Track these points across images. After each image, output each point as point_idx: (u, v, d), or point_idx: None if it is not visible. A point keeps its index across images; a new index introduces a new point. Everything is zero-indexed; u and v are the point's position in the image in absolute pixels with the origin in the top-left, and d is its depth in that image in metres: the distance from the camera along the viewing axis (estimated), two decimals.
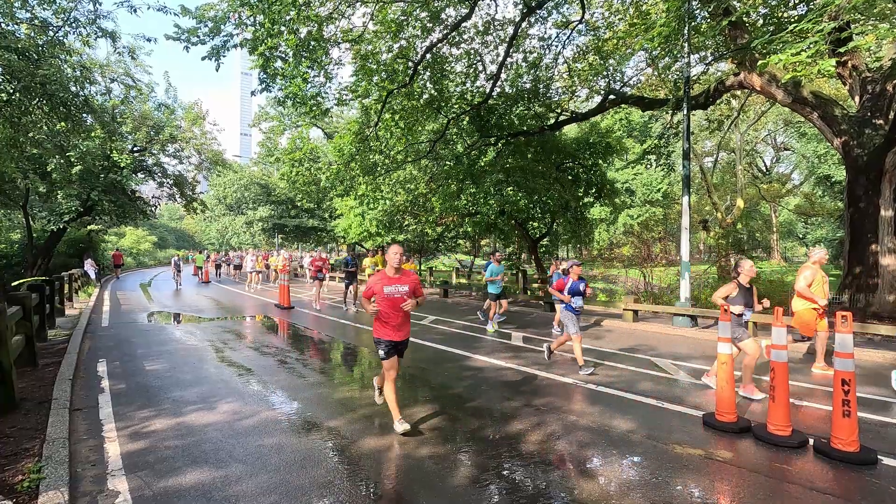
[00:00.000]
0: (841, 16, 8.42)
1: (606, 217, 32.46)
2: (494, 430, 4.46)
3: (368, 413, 4.89)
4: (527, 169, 16.21)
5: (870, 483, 3.46)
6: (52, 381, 5.82)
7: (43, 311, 8.44)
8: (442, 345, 8.51)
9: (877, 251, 9.76)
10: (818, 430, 4.36)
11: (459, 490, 3.33)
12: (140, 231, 49.21)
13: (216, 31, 10.76)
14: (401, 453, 3.92)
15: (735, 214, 28.82)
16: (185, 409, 4.95)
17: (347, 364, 7.46)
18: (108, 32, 11.14)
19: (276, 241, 42.44)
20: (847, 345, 3.87)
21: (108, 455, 3.87)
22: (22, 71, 9.08)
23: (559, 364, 7.09)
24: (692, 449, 4.03)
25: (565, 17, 15.16)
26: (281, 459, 3.77)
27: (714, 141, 31.38)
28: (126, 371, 6.60)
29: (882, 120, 9.91)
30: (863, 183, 10.06)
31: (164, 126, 23.59)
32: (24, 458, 3.72)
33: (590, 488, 3.36)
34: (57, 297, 11.03)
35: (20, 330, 6.24)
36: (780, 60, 6.97)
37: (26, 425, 4.46)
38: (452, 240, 29.32)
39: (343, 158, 16.12)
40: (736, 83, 12.08)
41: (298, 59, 11.68)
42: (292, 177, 23.63)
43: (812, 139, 31.27)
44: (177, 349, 8.06)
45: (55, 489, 3.14)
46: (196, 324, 10.93)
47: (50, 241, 23.72)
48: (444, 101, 15.17)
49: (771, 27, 9.87)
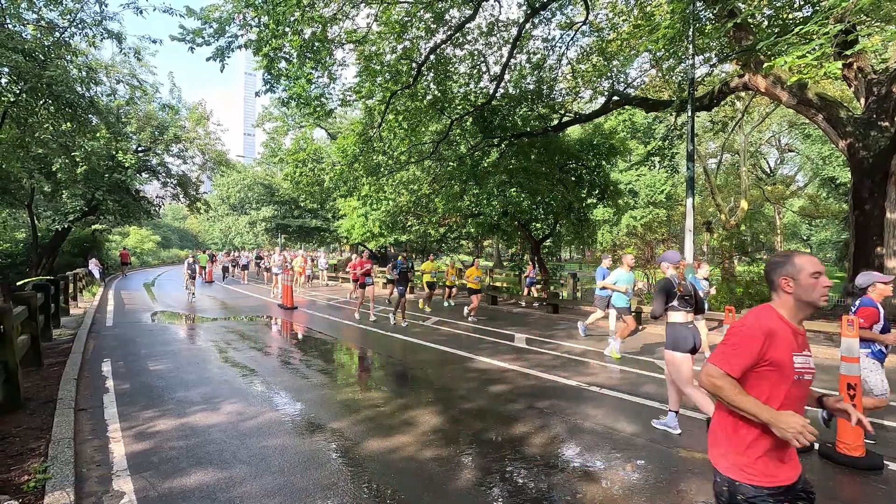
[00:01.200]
0: (847, 18, 8.38)
1: (610, 218, 32.40)
2: (498, 432, 4.46)
3: (372, 415, 4.89)
4: (530, 170, 16.21)
5: (875, 488, 3.44)
6: (57, 380, 5.85)
7: (48, 310, 8.48)
8: (445, 346, 8.51)
9: (882, 254, 9.71)
10: (823, 435, 4.34)
11: (463, 492, 3.33)
12: (144, 231, 49.39)
13: (221, 32, 10.80)
14: (404, 455, 3.92)
15: (739, 216, 28.71)
16: (189, 410, 4.97)
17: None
18: (113, 34, 11.20)
19: (280, 241, 42.55)
20: (853, 349, 3.85)
21: (112, 455, 3.89)
22: (29, 72, 9.14)
23: (562, 366, 7.08)
24: (697, 453, 4.01)
25: (569, 18, 15.16)
26: (284, 461, 3.78)
27: (718, 142, 31.28)
28: (130, 371, 6.63)
29: (888, 122, 9.86)
30: (868, 185, 10.02)
31: (168, 126, 23.70)
32: (30, 458, 3.74)
33: (593, 491, 3.35)
34: (62, 297, 11.08)
35: (26, 329, 6.27)
36: (785, 63, 6.94)
37: (31, 425, 4.48)
38: (455, 240, 29.34)
39: (346, 159, 16.15)
40: (741, 85, 12.04)
41: (302, 60, 11.71)
42: (296, 177, 23.66)
43: (817, 141, 31.16)
44: (180, 349, 8.09)
45: (61, 489, 3.15)
46: (208, 322, 10.96)
47: (54, 240, 23.85)
48: (448, 102, 15.18)
49: (776, 29, 9.84)
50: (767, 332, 1.73)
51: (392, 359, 7.69)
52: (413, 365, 7.27)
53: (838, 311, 10.20)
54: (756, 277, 14.97)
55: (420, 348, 8.38)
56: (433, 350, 8.23)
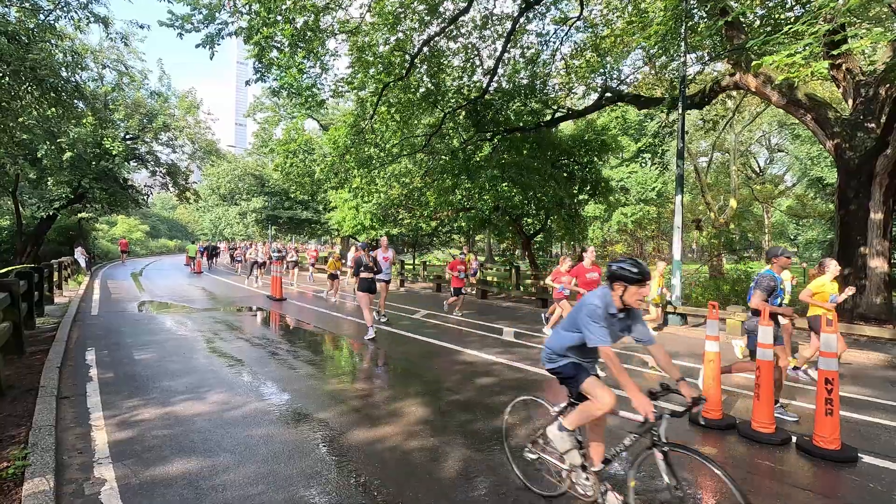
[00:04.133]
0: (836, 18, 8.46)
1: (601, 215, 32.57)
2: (483, 423, 4.49)
3: (358, 405, 4.90)
4: (522, 165, 16.22)
5: (850, 480, 3.52)
6: (40, 369, 5.78)
7: (31, 298, 8.36)
8: (434, 339, 8.53)
9: (865, 253, 9.86)
10: (800, 429, 4.42)
11: (447, 482, 3.35)
12: (132, 220, 48.84)
13: (211, 19, 10.65)
14: (389, 445, 3.93)
15: (728, 215, 29.00)
16: (173, 399, 4.94)
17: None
18: (100, 17, 11.00)
19: (270, 232, 42.22)
20: (832, 345, 3.92)
21: (94, 443, 3.86)
22: (12, 55, 8.94)
23: None
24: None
25: (563, 14, 15.14)
26: (269, 450, 3.77)
27: (709, 141, 31.50)
28: (114, 360, 6.57)
29: (874, 123, 9.99)
30: (854, 185, 10.16)
31: (157, 114, 23.36)
32: (10, 446, 3.70)
33: None
34: (46, 285, 10.93)
35: (7, 317, 6.17)
36: (774, 62, 7.00)
37: (13, 412, 4.43)
38: (446, 234, 29.34)
39: (338, 150, 16.07)
40: (732, 83, 12.12)
41: (294, 50, 11.59)
42: (286, 168, 23.52)
43: (806, 141, 31.49)
44: (167, 339, 8.03)
45: (41, 476, 3.13)
46: (196, 313, 10.88)
47: (40, 228, 23.49)
48: (441, 96, 15.12)
49: (768, 28, 9.91)
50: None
51: (378, 350, 7.70)
52: (400, 356, 7.28)
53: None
54: (743, 275, 15.18)
55: (409, 341, 8.39)
56: (422, 343, 8.24)
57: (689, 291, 13.50)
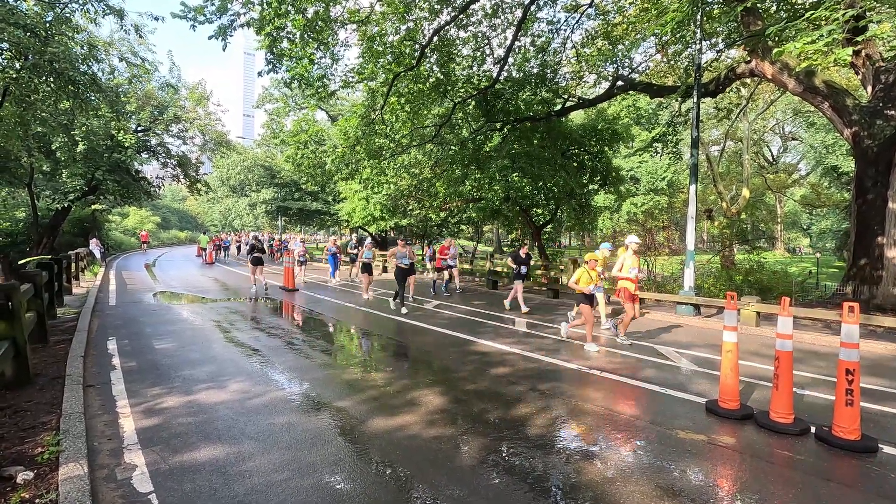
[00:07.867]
0: (858, 3, 8.27)
1: (611, 205, 32.34)
2: (500, 413, 4.54)
3: (376, 395, 4.97)
4: (532, 155, 16.11)
5: (870, 470, 3.53)
6: (64, 357, 5.92)
7: (52, 289, 8.53)
8: (447, 329, 8.58)
9: (883, 243, 9.73)
10: (819, 419, 4.42)
11: (466, 469, 3.40)
12: (143, 211, 49.36)
13: (223, 10, 10.63)
14: (408, 434, 3.99)
15: (740, 204, 28.68)
16: (195, 388, 5.04)
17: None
18: (114, 9, 11.04)
19: (280, 223, 42.45)
20: (853, 335, 3.90)
21: (123, 430, 3.96)
22: (31, 48, 9.02)
23: (564, 349, 7.16)
24: (695, 434, 4.10)
25: (575, 1, 14.92)
26: (292, 437, 3.85)
27: (721, 129, 31.06)
28: (135, 349, 6.70)
29: (894, 111, 9.79)
30: (872, 174, 10.00)
31: (168, 106, 23.50)
32: (42, 432, 3.81)
33: (594, 471, 3.43)
34: (64, 276, 11.12)
35: (32, 307, 6.32)
36: (795, 49, 6.87)
37: (42, 400, 4.56)
38: (456, 225, 29.30)
39: (348, 142, 16.04)
40: (747, 71, 11.92)
41: (305, 41, 11.56)
42: (297, 159, 23.52)
43: (821, 129, 30.96)
44: (184, 328, 8.16)
45: (75, 461, 3.23)
46: (210, 303, 11.02)
47: (55, 219, 23.82)
48: (451, 85, 15.00)
49: (785, 14, 9.71)
50: None
51: (393, 340, 7.77)
52: (415, 346, 7.35)
53: (836, 299, 10.27)
54: (755, 265, 15.03)
55: (422, 331, 8.46)
56: (435, 333, 8.30)
57: (701, 282, 13.42)
